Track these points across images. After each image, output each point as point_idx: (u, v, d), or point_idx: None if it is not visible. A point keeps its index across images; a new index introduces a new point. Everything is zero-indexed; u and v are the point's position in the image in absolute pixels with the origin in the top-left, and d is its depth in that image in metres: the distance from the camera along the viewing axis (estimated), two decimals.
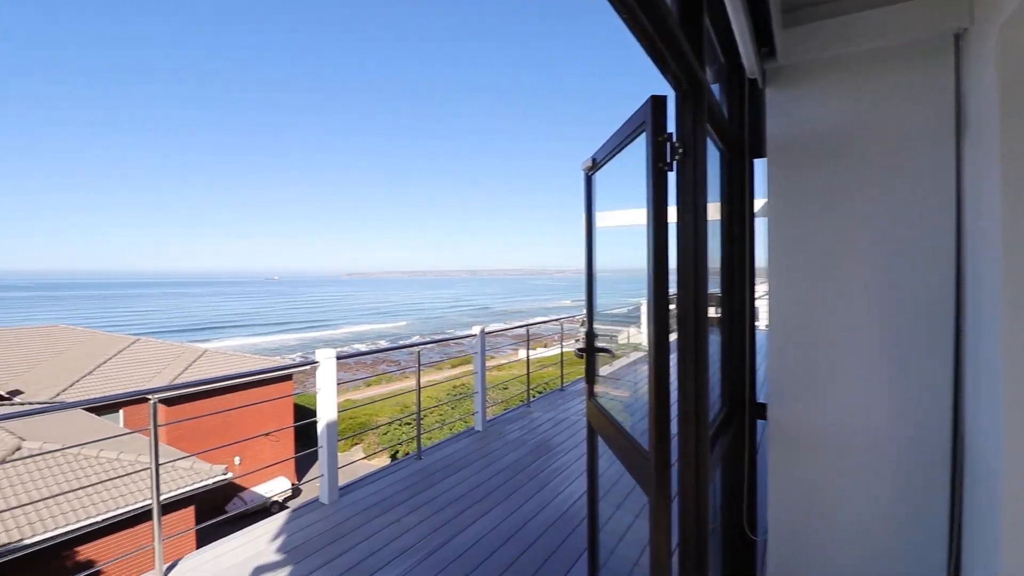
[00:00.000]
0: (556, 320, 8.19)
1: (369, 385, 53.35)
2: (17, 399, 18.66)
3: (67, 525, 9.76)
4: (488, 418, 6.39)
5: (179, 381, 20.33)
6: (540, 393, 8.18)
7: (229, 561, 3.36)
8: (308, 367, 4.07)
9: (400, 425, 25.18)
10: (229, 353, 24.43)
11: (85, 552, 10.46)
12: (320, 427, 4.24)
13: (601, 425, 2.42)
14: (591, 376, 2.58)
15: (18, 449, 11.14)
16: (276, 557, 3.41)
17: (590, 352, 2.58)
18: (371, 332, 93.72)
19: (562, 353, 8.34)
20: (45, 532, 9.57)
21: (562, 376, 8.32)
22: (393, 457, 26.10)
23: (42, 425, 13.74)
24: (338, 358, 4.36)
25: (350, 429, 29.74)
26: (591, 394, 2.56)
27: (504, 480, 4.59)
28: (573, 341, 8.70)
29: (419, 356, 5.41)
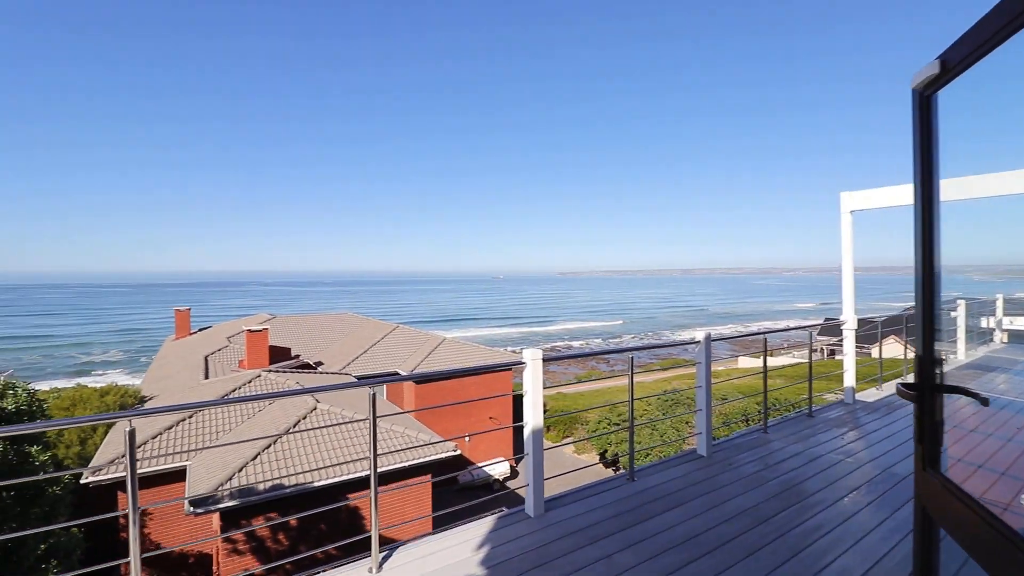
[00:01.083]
0: (804, 327, 6.53)
1: (580, 380, 54.20)
2: (319, 368, 23.85)
3: (333, 478, 11.81)
4: (713, 440, 5.30)
5: (421, 365, 23.39)
6: (771, 412, 6.61)
7: (434, 564, 3.19)
8: (516, 367, 3.65)
9: (608, 424, 24.63)
10: (463, 343, 27.24)
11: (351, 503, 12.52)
12: (526, 432, 3.87)
13: (964, 523, 1.37)
14: (931, 432, 1.52)
15: (313, 410, 14.01)
16: (478, 571, 3.11)
17: (928, 391, 1.52)
18: (583, 330, 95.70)
19: (811, 367, 6.60)
20: (327, 479, 11.77)
21: (810, 397, 6.59)
22: (601, 458, 25.69)
23: (331, 391, 17.17)
24: (544, 359, 3.94)
25: (560, 421, 30.45)
26: (929, 461, 1.52)
27: (741, 530, 3.56)
28: (812, 351, 6.81)
29: (632, 363, 4.69)
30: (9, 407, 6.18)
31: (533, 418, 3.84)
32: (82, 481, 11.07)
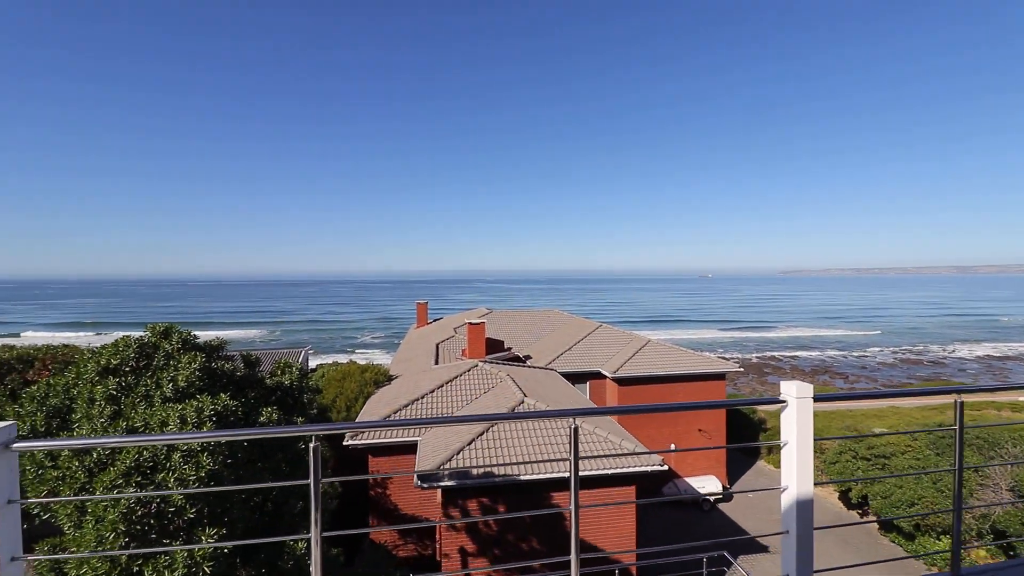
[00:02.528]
0: None
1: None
2: (527, 362, 24.78)
3: (538, 474, 11.68)
4: None
5: (625, 366, 22.32)
6: None
7: None
8: (771, 405, 2.47)
9: (855, 459, 19.80)
10: (670, 345, 25.26)
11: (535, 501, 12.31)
12: (786, 500, 2.69)
13: None
14: None
15: (521, 403, 14.31)
16: None
17: None
18: (816, 338, 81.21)
19: None
20: (532, 475, 11.78)
21: None
22: (843, 498, 20.76)
23: (538, 385, 17.49)
24: (817, 399, 2.69)
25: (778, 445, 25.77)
26: None
27: None
28: None
29: (959, 410, 3.00)
30: (285, 382, 7.38)
31: (799, 482, 2.63)
32: (344, 443, 13.23)
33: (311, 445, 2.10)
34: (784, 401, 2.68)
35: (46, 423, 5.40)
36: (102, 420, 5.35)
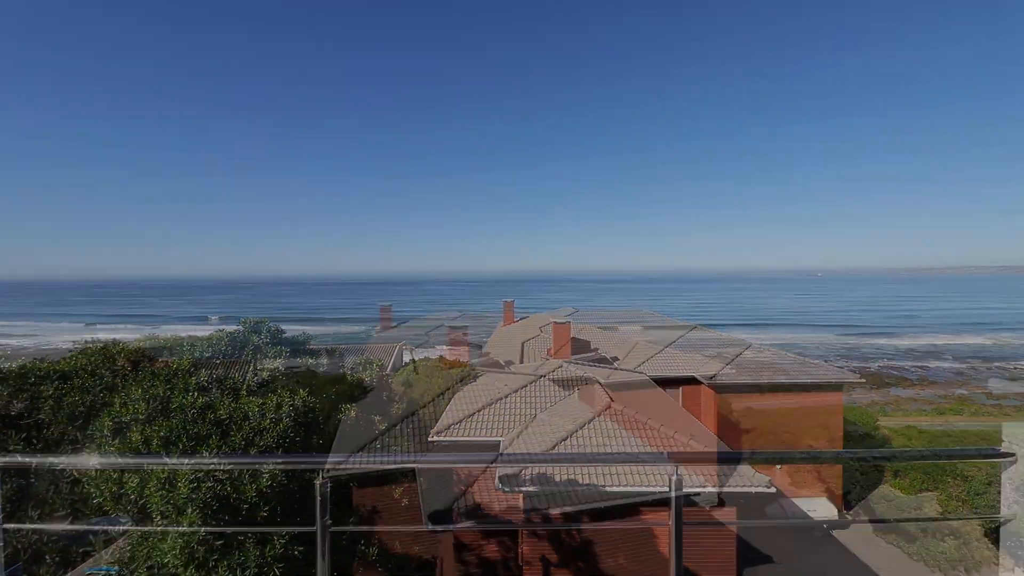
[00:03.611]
0: None
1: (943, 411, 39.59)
2: (615, 364, 23.57)
3: (625, 486, 10.72)
4: None
5: (722, 372, 20.36)
6: None
7: None
8: (990, 459, 1.50)
9: None
10: (773, 351, 22.71)
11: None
12: None
13: None
14: None
15: (608, 408, 13.39)
16: None
17: None
18: (954, 347, 69.76)
19: None
20: (619, 486, 10.87)
21: None
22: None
23: (626, 390, 16.41)
24: None
25: (917, 467, 21.94)
26: None
27: None
28: None
29: None
30: (367, 379, 7.25)
31: None
32: (429, 439, 13.21)
33: (317, 482, 1.59)
34: (1011, 454, 1.72)
35: (148, 410, 5.65)
36: (193, 411, 5.44)
